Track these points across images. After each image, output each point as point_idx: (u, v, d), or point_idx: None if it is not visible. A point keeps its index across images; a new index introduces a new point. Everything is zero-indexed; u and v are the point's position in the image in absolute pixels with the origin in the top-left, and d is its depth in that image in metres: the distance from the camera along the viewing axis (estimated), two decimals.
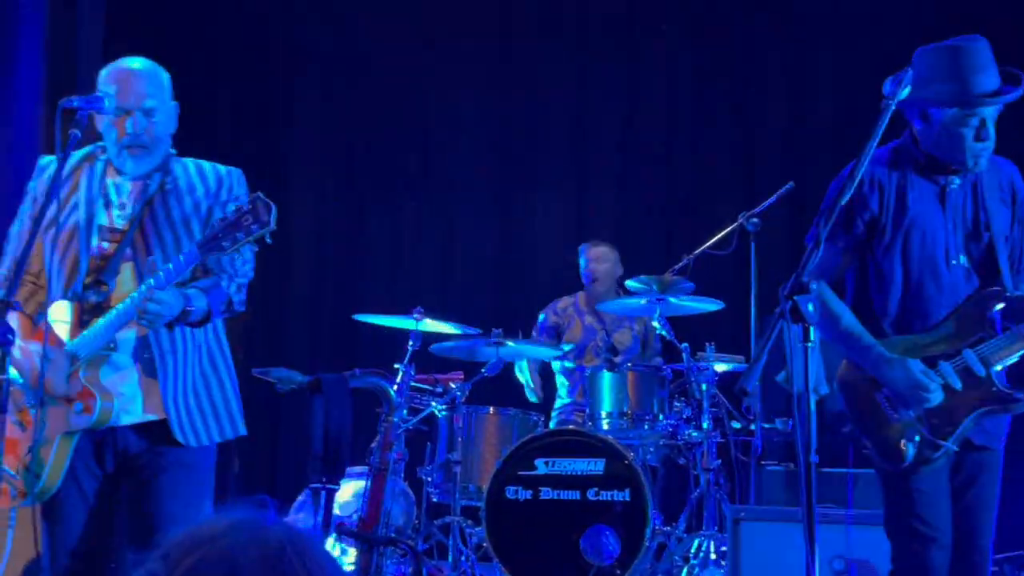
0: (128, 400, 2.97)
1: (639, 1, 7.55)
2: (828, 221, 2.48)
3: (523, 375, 6.07)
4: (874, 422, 3.14)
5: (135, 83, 3.04)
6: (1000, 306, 3.10)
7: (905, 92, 2.64)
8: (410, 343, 5.11)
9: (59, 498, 2.95)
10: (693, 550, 4.99)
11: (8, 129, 5.92)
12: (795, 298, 2.29)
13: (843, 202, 2.51)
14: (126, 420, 2.97)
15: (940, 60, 3.07)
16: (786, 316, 2.29)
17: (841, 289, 3.32)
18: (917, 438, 3.04)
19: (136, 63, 3.09)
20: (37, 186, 3.13)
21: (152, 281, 2.82)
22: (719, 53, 7.40)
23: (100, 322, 2.89)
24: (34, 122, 5.90)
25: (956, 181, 3.15)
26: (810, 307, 2.28)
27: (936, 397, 3.02)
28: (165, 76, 3.14)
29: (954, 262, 3.14)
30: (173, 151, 3.17)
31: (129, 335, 2.95)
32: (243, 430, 3.16)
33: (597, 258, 6.17)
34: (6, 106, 5.91)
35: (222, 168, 3.17)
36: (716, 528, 5.01)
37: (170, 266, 2.84)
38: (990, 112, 3.05)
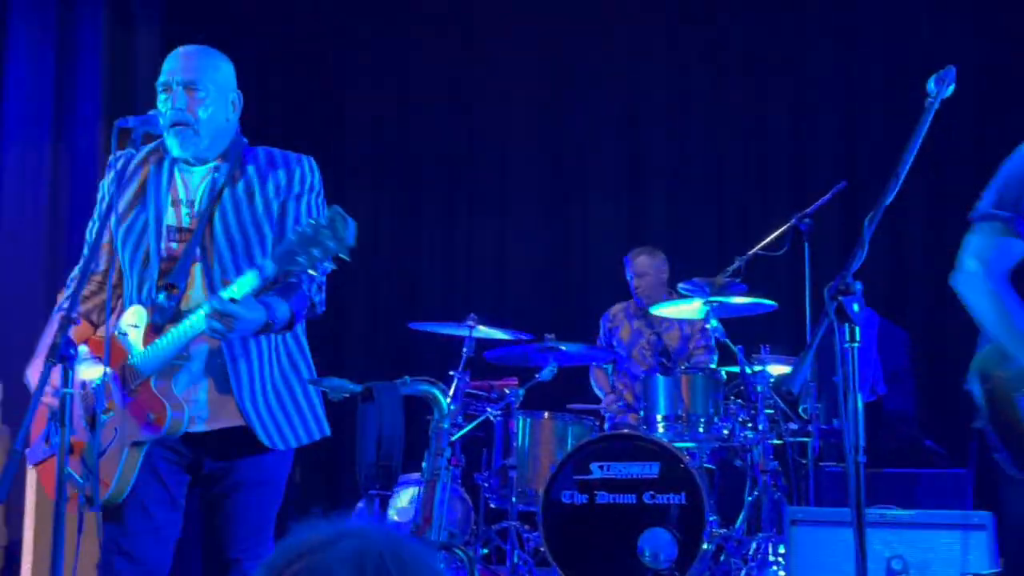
0: (203, 408, 2.90)
1: (689, 3, 7.55)
2: (874, 221, 2.47)
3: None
4: (1010, 423, 3.02)
5: (178, 60, 2.98)
6: None
7: (949, 91, 2.63)
8: (464, 350, 5.16)
9: (129, 505, 2.88)
10: (751, 552, 4.96)
11: (70, 153, 6.07)
12: (840, 299, 2.29)
13: (887, 201, 2.49)
14: (203, 428, 2.90)
15: None
16: (832, 316, 2.30)
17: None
18: None
19: (186, 46, 3.02)
20: (106, 184, 3.07)
21: (215, 303, 2.68)
22: (770, 53, 7.36)
23: (169, 336, 2.80)
24: (94, 145, 6.04)
25: None
26: (855, 307, 2.29)
27: None
28: (220, 59, 3.04)
29: None
30: (244, 140, 3.06)
31: (205, 343, 2.87)
32: (327, 430, 3.08)
33: (637, 272, 6.12)
34: (69, 129, 6.06)
35: (293, 156, 3.06)
36: (775, 530, 4.98)
37: (240, 287, 2.70)
38: None
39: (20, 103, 6.00)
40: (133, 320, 2.88)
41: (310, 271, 2.66)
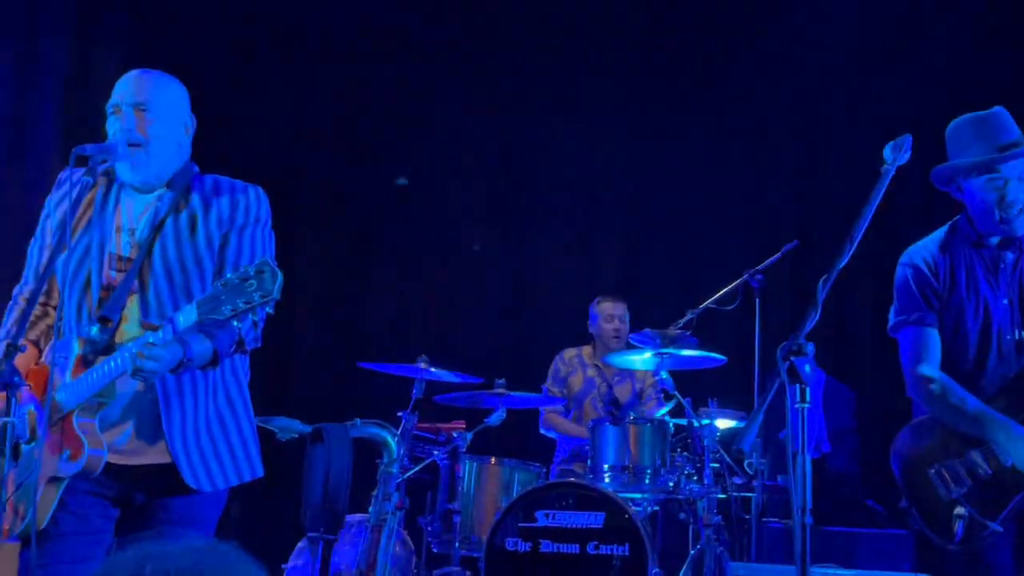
0: (127, 442, 2.84)
1: (651, 57, 7.63)
2: (828, 283, 2.51)
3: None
4: (927, 498, 3.14)
5: (129, 82, 2.94)
6: None
7: (905, 157, 2.69)
8: (413, 391, 5.12)
9: (50, 537, 2.80)
10: None
11: (24, 172, 5.99)
12: (792, 359, 2.31)
13: (841, 264, 2.53)
14: (131, 462, 2.84)
15: (960, 133, 3.16)
16: (783, 377, 2.31)
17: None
18: (967, 515, 3.03)
19: (139, 70, 2.98)
20: (51, 202, 3.01)
21: (149, 338, 2.64)
22: (729, 109, 7.46)
23: (95, 372, 2.74)
24: (50, 170, 5.97)
25: (1009, 256, 3.19)
26: (807, 368, 2.31)
27: None
28: (172, 83, 2.99)
29: (1008, 336, 3.17)
30: (195, 168, 3.01)
31: (133, 382, 2.81)
32: (260, 471, 3.02)
33: (621, 316, 6.25)
34: (30, 152, 5.98)
35: (240, 185, 3.00)
36: None
37: (167, 327, 2.65)
38: (1017, 171, 3.10)
39: None
40: (66, 351, 2.82)
41: (234, 322, 2.63)
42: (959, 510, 3.04)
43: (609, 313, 6.26)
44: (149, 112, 2.89)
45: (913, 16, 7.06)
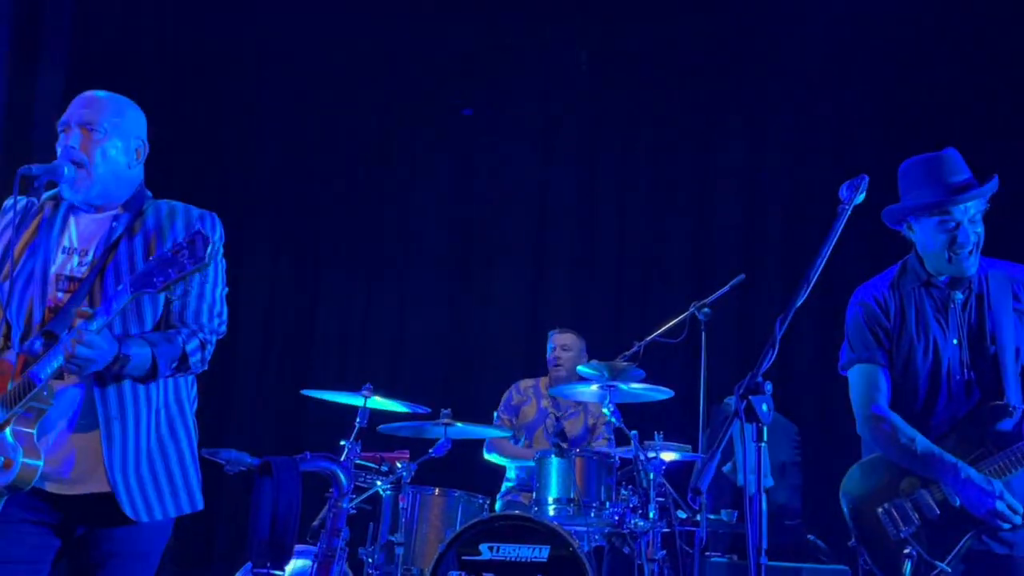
0: (70, 471, 2.76)
1: (598, 90, 7.67)
2: (785, 322, 2.51)
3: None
4: (875, 537, 3.15)
5: (81, 101, 2.92)
6: (1005, 421, 3.12)
7: (860, 197, 2.71)
8: (357, 420, 5.06)
9: None
10: None
11: None
12: (750, 398, 2.30)
13: (798, 303, 2.53)
14: (70, 491, 2.76)
15: (912, 173, 3.19)
16: (740, 415, 2.30)
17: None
18: (915, 555, 3.05)
19: (95, 90, 2.96)
20: None
21: (80, 323, 2.61)
22: (676, 142, 7.53)
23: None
24: None
25: (959, 296, 3.21)
26: (764, 407, 2.30)
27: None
28: (127, 106, 2.97)
29: (957, 376, 3.19)
30: (148, 193, 2.99)
31: (72, 394, 2.75)
32: (201, 504, 2.96)
33: (564, 344, 6.25)
34: None
35: (195, 212, 2.97)
36: None
37: (100, 312, 2.64)
38: (968, 214, 3.13)
39: None
40: (5, 368, 2.77)
41: (174, 317, 2.69)
42: (907, 550, 3.05)
43: (553, 344, 6.26)
44: (96, 132, 2.87)
45: (865, 52, 7.18)
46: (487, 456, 6.21)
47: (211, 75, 7.47)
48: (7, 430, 2.70)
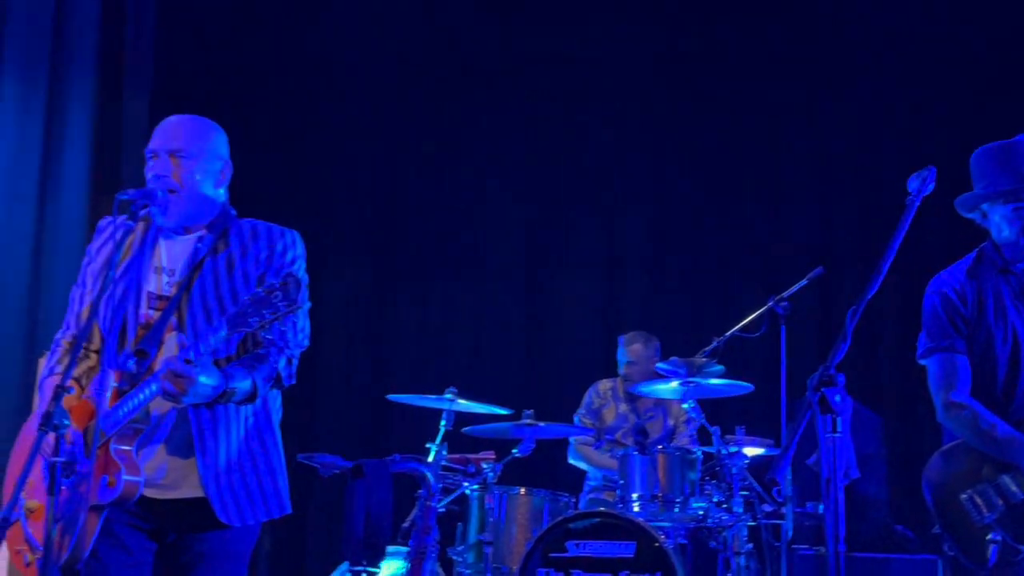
0: (163, 477, 2.91)
1: (670, 87, 7.70)
2: (857, 314, 2.54)
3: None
4: (960, 524, 3.16)
5: (166, 128, 3.03)
6: None
7: (930, 188, 2.72)
8: (442, 423, 5.17)
9: (91, 569, 2.84)
10: None
11: (54, 215, 6.09)
12: (823, 390, 2.35)
13: (870, 295, 2.56)
14: (165, 496, 2.91)
15: (984, 160, 3.20)
16: (815, 407, 2.35)
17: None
18: (1000, 540, 3.06)
19: (178, 115, 3.08)
20: (93, 248, 3.11)
21: (171, 363, 2.72)
22: (750, 135, 7.52)
23: (129, 400, 2.82)
24: (79, 210, 6.09)
25: None
26: (837, 398, 2.34)
27: None
28: (211, 129, 3.08)
29: None
30: (232, 211, 3.10)
31: (168, 409, 2.88)
32: (289, 508, 3.07)
33: (631, 359, 6.25)
34: (54, 192, 6.09)
35: (277, 230, 3.08)
36: None
37: (197, 345, 2.75)
38: None
39: (7, 156, 6.03)
40: (104, 384, 2.89)
41: (262, 333, 2.74)
42: (992, 535, 3.06)
43: (623, 352, 6.28)
44: (184, 158, 2.98)
45: (934, 45, 7.12)
46: (571, 460, 6.28)
47: (287, 91, 7.64)
48: (111, 447, 2.83)
